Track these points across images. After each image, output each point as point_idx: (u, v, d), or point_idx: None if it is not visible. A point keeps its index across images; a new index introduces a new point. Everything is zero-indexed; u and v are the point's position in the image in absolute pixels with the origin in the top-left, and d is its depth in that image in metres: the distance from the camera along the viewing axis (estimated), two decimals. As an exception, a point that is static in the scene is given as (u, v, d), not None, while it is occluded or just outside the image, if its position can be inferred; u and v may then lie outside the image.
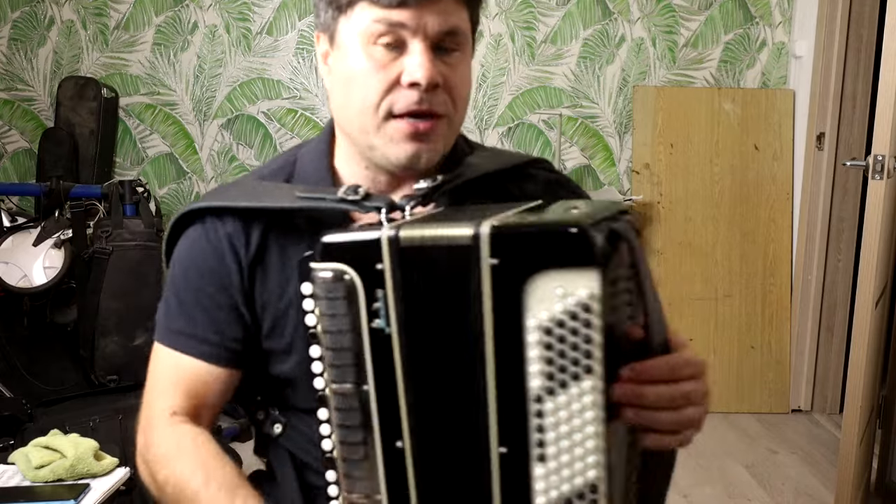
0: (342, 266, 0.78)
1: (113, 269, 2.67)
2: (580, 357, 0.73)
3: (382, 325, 0.78)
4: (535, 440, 0.75)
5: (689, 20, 3.28)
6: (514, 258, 0.74)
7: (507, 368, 0.75)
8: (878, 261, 2.08)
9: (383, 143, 0.92)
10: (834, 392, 3.26)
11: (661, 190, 3.23)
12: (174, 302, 1.00)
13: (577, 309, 0.72)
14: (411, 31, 0.88)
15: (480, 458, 0.77)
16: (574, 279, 0.72)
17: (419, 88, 0.88)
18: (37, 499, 1.60)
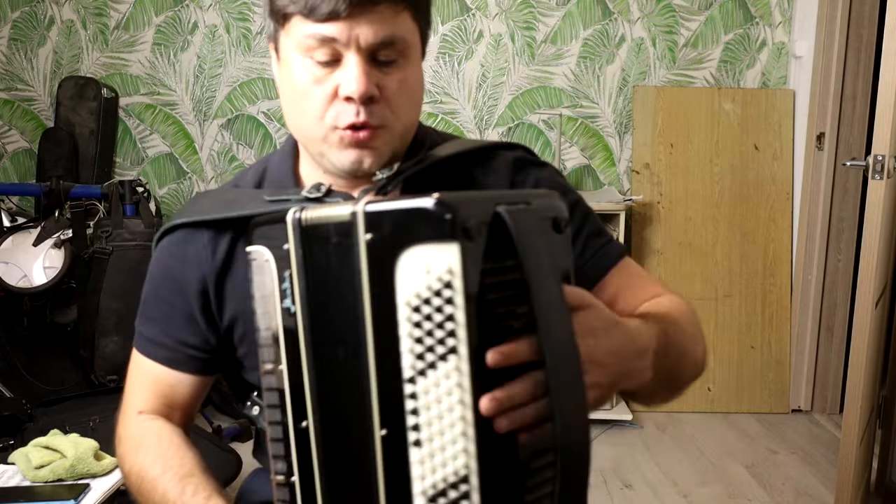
0: (259, 247, 0.82)
1: (113, 269, 2.67)
2: (445, 336, 0.70)
3: (289, 305, 0.80)
4: (410, 423, 0.72)
5: (689, 20, 3.28)
6: (386, 234, 0.73)
7: (383, 347, 0.74)
8: (878, 261, 2.08)
9: (329, 150, 0.93)
10: (834, 392, 3.26)
11: (661, 190, 3.23)
12: (143, 307, 1.04)
13: (440, 285, 0.70)
14: (343, 45, 0.87)
15: (366, 440, 0.76)
16: (437, 255, 0.70)
17: (355, 102, 0.88)
18: (37, 499, 1.60)
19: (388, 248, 0.72)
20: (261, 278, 0.82)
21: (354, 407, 0.77)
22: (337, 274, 0.77)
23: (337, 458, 0.80)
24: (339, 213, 0.76)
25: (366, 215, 0.74)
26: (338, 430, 0.79)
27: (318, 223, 0.78)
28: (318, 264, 0.79)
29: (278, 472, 0.82)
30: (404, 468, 0.73)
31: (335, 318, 0.78)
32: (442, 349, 0.70)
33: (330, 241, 0.77)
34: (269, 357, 0.82)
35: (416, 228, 0.71)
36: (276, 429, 0.82)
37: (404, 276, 0.71)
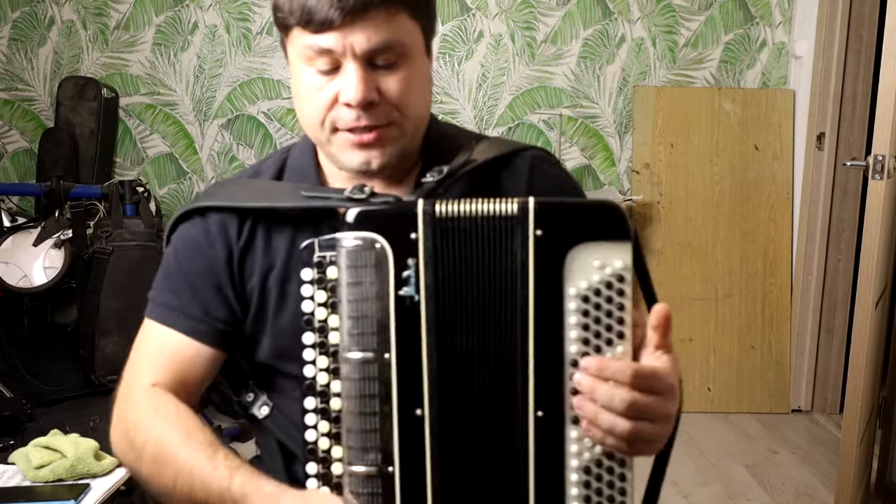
0: (373, 235, 0.81)
1: (113, 269, 2.66)
2: (613, 324, 0.80)
3: (411, 293, 0.80)
4: (569, 404, 0.80)
5: (689, 20, 3.28)
6: (558, 230, 0.80)
7: (546, 334, 0.80)
8: (878, 261, 2.08)
9: (336, 152, 0.95)
10: (834, 392, 3.26)
11: (661, 190, 3.23)
12: (164, 280, 1.04)
13: (613, 279, 0.79)
14: (340, 53, 0.88)
15: (514, 423, 0.81)
16: (610, 251, 0.80)
17: (355, 108, 0.89)
18: (37, 499, 1.60)
19: (558, 244, 0.80)
20: (363, 266, 0.81)
21: (492, 392, 0.82)
22: (481, 265, 0.81)
23: (459, 443, 0.82)
24: (496, 208, 0.81)
25: (536, 211, 0.80)
26: (462, 415, 0.82)
27: (457, 216, 0.81)
28: (456, 255, 0.81)
29: (364, 463, 0.81)
30: (559, 446, 0.81)
31: (470, 308, 0.81)
32: (609, 335, 0.80)
33: (475, 234, 0.81)
34: (366, 345, 0.81)
35: (593, 227, 0.80)
36: (366, 419, 0.81)
37: (574, 269, 0.80)
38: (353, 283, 0.81)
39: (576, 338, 0.80)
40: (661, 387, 0.80)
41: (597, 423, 0.79)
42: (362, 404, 0.81)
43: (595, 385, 0.79)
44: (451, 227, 0.81)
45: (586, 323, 0.80)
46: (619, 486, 0.81)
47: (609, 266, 0.80)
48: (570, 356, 0.80)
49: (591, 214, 0.81)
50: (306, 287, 0.85)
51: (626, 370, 0.78)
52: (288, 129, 3.29)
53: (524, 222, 0.80)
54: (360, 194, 0.92)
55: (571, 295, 0.80)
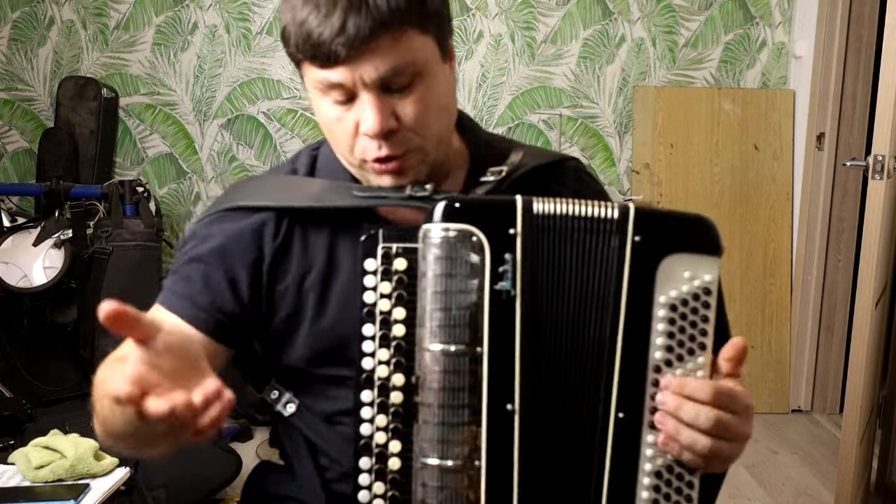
0: (470, 227, 0.81)
1: (113, 269, 2.66)
2: (697, 335, 0.82)
3: (508, 287, 0.81)
4: (648, 408, 0.82)
5: (689, 20, 3.28)
6: (655, 238, 0.83)
7: (634, 339, 0.82)
8: (878, 261, 2.08)
9: (369, 176, 0.94)
10: (834, 392, 3.26)
11: (661, 190, 3.23)
12: (178, 267, 1.00)
13: (700, 291, 0.82)
14: (351, 86, 0.87)
15: (595, 422, 0.82)
16: (700, 264, 0.83)
17: (374, 139, 0.89)
18: (37, 499, 1.60)
19: (654, 251, 0.83)
20: (457, 258, 0.80)
21: (579, 391, 0.83)
22: (575, 264, 0.83)
23: (546, 439, 0.82)
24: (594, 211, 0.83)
25: (637, 218, 0.83)
26: (549, 412, 0.83)
27: (555, 215, 0.83)
28: (552, 253, 0.83)
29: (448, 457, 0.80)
30: (635, 449, 0.82)
31: (562, 306, 0.83)
32: (691, 345, 0.82)
33: (571, 234, 0.83)
34: (456, 338, 0.80)
35: (687, 238, 0.84)
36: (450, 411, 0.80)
37: (665, 278, 0.82)
38: (444, 275, 0.80)
39: (661, 345, 0.82)
40: (740, 407, 0.82)
41: (677, 439, 0.80)
42: (447, 397, 0.80)
43: (679, 403, 0.80)
44: (547, 226, 0.82)
45: (672, 331, 0.82)
46: (686, 492, 0.83)
47: (698, 278, 0.82)
48: (653, 362, 0.82)
49: (688, 226, 0.85)
50: (369, 277, 0.84)
51: (706, 388, 0.80)
52: (288, 129, 3.29)
53: (623, 227, 0.82)
54: (422, 192, 0.91)
55: (661, 302, 0.82)
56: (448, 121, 0.96)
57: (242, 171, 3.29)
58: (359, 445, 0.83)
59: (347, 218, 0.96)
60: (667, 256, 0.82)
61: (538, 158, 1.03)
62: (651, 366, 0.82)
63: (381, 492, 0.82)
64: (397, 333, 0.83)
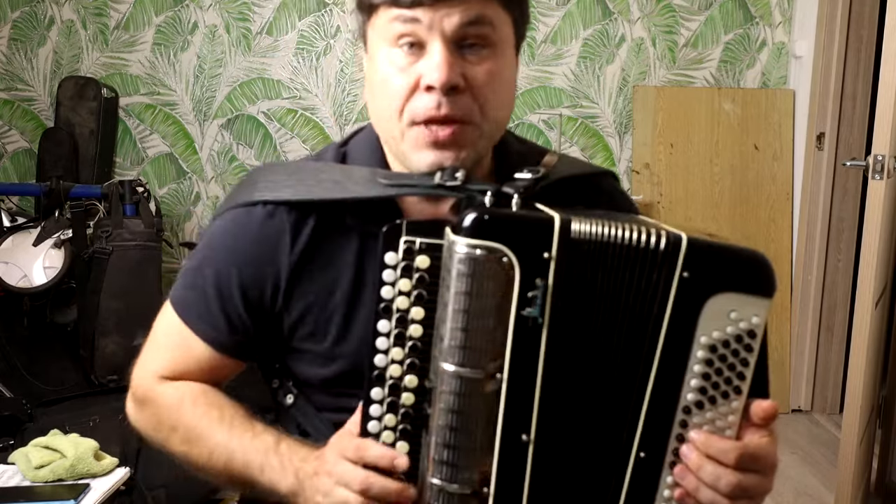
0: (501, 247, 0.74)
1: (113, 269, 2.66)
2: (734, 378, 0.77)
3: (535, 314, 0.75)
4: (672, 448, 0.78)
5: (689, 20, 3.28)
6: (704, 274, 0.76)
7: (668, 378, 0.78)
8: (878, 261, 2.07)
9: (408, 150, 0.88)
10: (834, 392, 3.26)
11: (661, 190, 3.23)
12: (196, 275, 0.96)
13: (744, 334, 0.77)
14: (427, 28, 0.83)
15: (613, 460, 0.79)
16: (749, 305, 0.76)
17: (437, 91, 0.83)
18: (37, 499, 1.60)
19: (702, 289, 0.76)
20: (484, 277, 0.74)
21: (600, 426, 0.78)
22: (608, 294, 0.77)
23: (560, 472, 0.78)
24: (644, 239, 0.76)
25: (688, 251, 0.76)
26: (566, 445, 0.78)
27: (595, 240, 0.76)
28: (585, 280, 0.76)
29: (456, 480, 0.77)
30: (652, 489, 0.79)
31: (592, 337, 0.77)
32: (727, 389, 0.77)
33: (607, 260, 0.76)
34: (476, 361, 0.75)
35: (739, 277, 0.77)
36: (465, 437, 0.76)
37: (710, 317, 0.76)
38: (468, 293, 0.74)
39: (695, 386, 0.78)
40: (764, 466, 0.79)
41: (696, 497, 0.78)
42: (461, 420, 0.76)
43: (702, 463, 0.77)
44: (584, 250, 0.76)
45: (708, 373, 0.77)
46: None
47: (745, 320, 0.77)
48: (684, 402, 0.78)
49: (742, 264, 0.78)
50: (388, 272, 0.79)
51: (732, 453, 0.77)
52: (288, 129, 3.28)
53: (672, 261, 0.76)
54: (452, 180, 0.85)
55: (702, 343, 0.77)
56: (506, 114, 0.91)
57: (242, 172, 3.29)
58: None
59: (376, 216, 0.87)
60: (716, 295, 0.76)
61: (574, 168, 0.98)
62: (681, 407, 0.78)
63: None
64: (413, 333, 0.79)
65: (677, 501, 0.79)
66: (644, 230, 0.77)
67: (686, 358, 0.77)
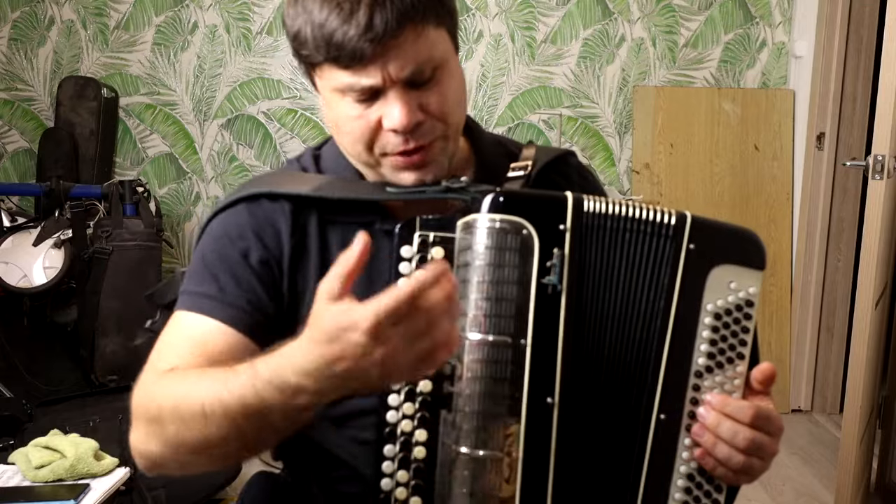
0: (520, 220, 0.81)
1: (113, 269, 2.67)
2: (737, 344, 0.85)
3: (554, 282, 0.81)
4: (687, 411, 0.84)
5: (689, 20, 3.28)
6: (708, 247, 0.85)
7: (680, 343, 0.84)
8: (878, 261, 2.08)
9: (388, 173, 0.93)
10: (834, 392, 3.26)
11: (661, 190, 3.23)
12: (200, 268, 0.95)
13: (743, 303, 0.85)
14: (379, 84, 0.86)
15: (635, 421, 0.84)
16: (746, 276, 0.85)
17: (401, 133, 0.88)
18: (37, 499, 1.60)
19: (706, 260, 0.85)
20: (507, 249, 0.81)
21: (620, 389, 0.84)
22: (621, 264, 0.84)
23: (584, 434, 0.83)
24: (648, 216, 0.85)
25: (693, 226, 0.85)
26: (588, 408, 0.84)
27: (606, 214, 0.84)
28: (599, 251, 0.84)
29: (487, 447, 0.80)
30: (672, 449, 0.84)
31: (609, 305, 0.84)
32: (731, 354, 0.85)
33: (619, 233, 0.84)
34: (502, 328, 0.80)
35: (737, 251, 0.86)
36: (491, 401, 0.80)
37: (714, 286, 0.85)
38: (493, 265, 0.80)
39: (705, 351, 0.84)
40: (774, 428, 0.85)
41: (713, 454, 0.83)
42: (488, 386, 0.80)
43: (719, 420, 0.83)
44: (597, 224, 0.83)
45: (715, 339, 0.84)
46: (714, 496, 0.86)
47: (743, 290, 0.85)
48: (696, 367, 0.84)
49: (739, 239, 0.87)
50: (404, 264, 0.83)
51: (747, 411, 0.83)
52: (288, 129, 3.29)
53: (680, 234, 0.85)
54: (459, 183, 0.91)
55: (708, 310, 0.84)
56: (463, 113, 0.96)
57: (242, 172, 3.29)
58: (384, 432, 0.82)
59: (361, 215, 0.94)
60: (717, 266, 0.85)
61: (549, 154, 1.03)
62: (693, 371, 0.84)
63: (404, 480, 0.82)
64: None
65: (697, 460, 0.84)
66: (655, 210, 0.85)
67: (696, 324, 0.84)
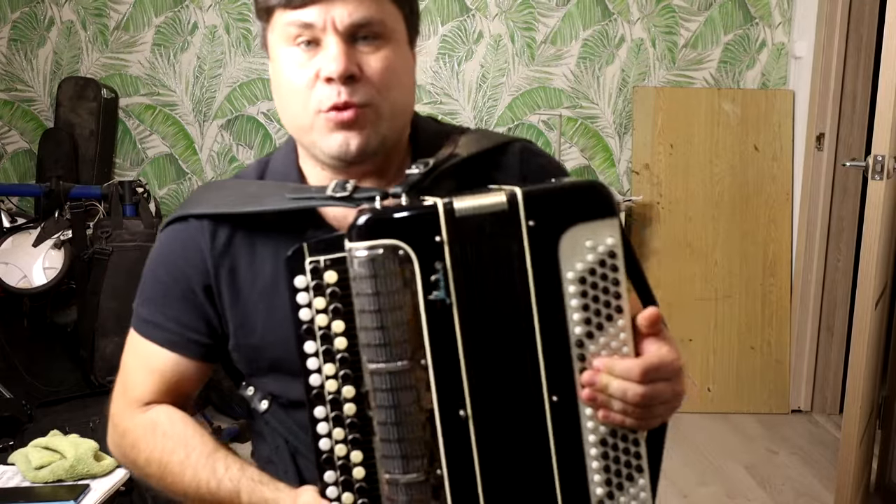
0: (395, 241, 0.79)
1: (113, 269, 2.67)
2: (611, 300, 0.82)
3: (442, 297, 0.80)
4: (580, 383, 0.82)
5: (689, 21, 3.28)
6: (549, 217, 0.81)
7: (550, 320, 0.82)
8: (878, 261, 2.08)
9: (318, 137, 0.93)
10: (834, 392, 3.26)
11: (660, 190, 3.23)
12: (143, 289, 1.03)
13: (605, 256, 0.81)
14: (321, 28, 0.89)
15: (535, 410, 0.82)
16: (599, 229, 0.81)
17: (335, 82, 0.89)
18: (37, 499, 1.60)
19: (551, 231, 0.81)
20: (386, 275, 0.78)
21: (516, 384, 0.83)
22: (491, 261, 0.81)
23: (498, 437, 0.82)
24: (493, 202, 0.81)
25: (525, 201, 0.81)
26: (498, 410, 0.82)
27: (471, 214, 0.81)
28: (474, 254, 0.81)
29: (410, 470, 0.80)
30: (576, 425, 0.83)
31: (493, 305, 0.82)
32: (608, 311, 0.82)
33: (483, 231, 0.81)
34: (397, 355, 0.79)
35: (579, 209, 0.82)
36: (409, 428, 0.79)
37: (567, 253, 0.81)
38: (375, 294, 0.78)
39: (578, 319, 0.82)
40: (668, 373, 0.84)
41: (610, 414, 0.83)
42: (399, 414, 0.79)
43: (607, 381, 0.82)
44: (468, 227, 0.81)
45: (586, 303, 0.82)
46: (633, 450, 0.85)
47: (601, 244, 0.81)
48: (574, 338, 0.82)
49: (578, 195, 0.83)
50: (301, 295, 0.82)
51: (634, 369, 0.81)
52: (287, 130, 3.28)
53: (515, 213, 0.81)
54: (342, 191, 0.90)
55: (569, 279, 0.81)
56: (405, 98, 0.96)
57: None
58: (321, 460, 0.83)
59: (291, 223, 0.95)
60: (565, 232, 0.81)
61: (476, 146, 1.01)
62: (573, 342, 0.82)
63: (350, 502, 0.83)
64: (339, 346, 0.82)
65: (601, 423, 0.83)
66: (490, 193, 0.82)
67: (560, 297, 0.81)
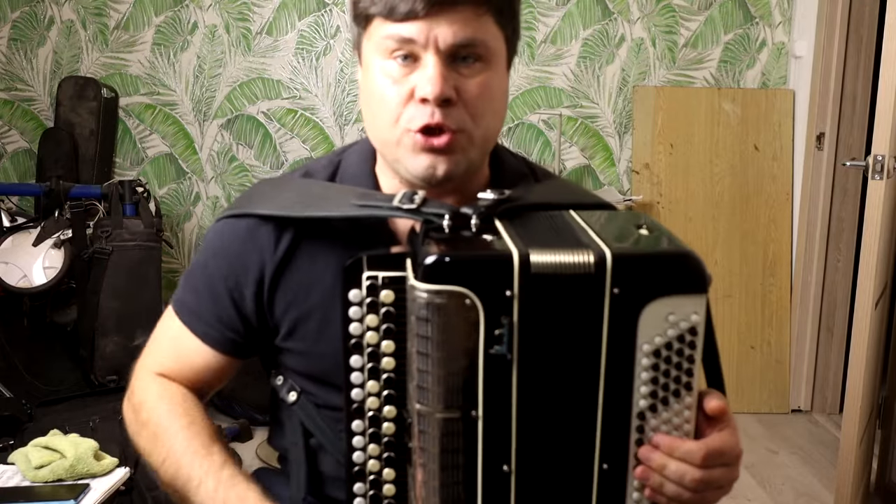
0: (462, 290, 0.74)
1: (113, 269, 2.66)
2: (682, 376, 0.79)
3: (504, 352, 0.76)
4: (633, 454, 0.80)
5: (689, 20, 3.28)
6: (635, 286, 0.77)
7: (615, 389, 0.79)
8: (878, 261, 2.08)
9: (403, 155, 0.90)
10: (834, 392, 3.26)
11: (660, 190, 3.23)
12: (191, 276, 1.02)
13: (686, 332, 0.78)
14: (422, 46, 0.85)
15: (582, 475, 0.80)
16: (685, 304, 0.77)
17: (430, 103, 0.86)
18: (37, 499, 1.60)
19: (635, 302, 0.77)
20: (449, 322, 0.75)
21: (568, 446, 0.80)
22: (563, 323, 0.77)
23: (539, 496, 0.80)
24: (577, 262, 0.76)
25: (614, 267, 0.76)
26: (544, 470, 0.80)
27: (550, 272, 0.76)
28: (545, 313, 0.77)
29: None
30: (621, 497, 0.80)
31: (557, 365, 0.78)
32: (676, 387, 0.79)
33: (560, 291, 0.76)
34: (449, 402, 0.77)
35: (669, 281, 0.77)
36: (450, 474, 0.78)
37: (647, 324, 0.77)
38: (433, 340, 0.75)
39: (645, 392, 0.79)
40: (729, 459, 0.82)
41: (662, 492, 0.80)
42: (442, 459, 0.77)
43: (665, 462, 0.79)
44: (543, 284, 0.76)
45: (656, 377, 0.79)
46: None
47: (684, 320, 0.77)
48: (637, 409, 0.79)
49: (670, 266, 0.78)
50: (354, 309, 0.81)
51: (696, 453, 0.79)
52: (287, 130, 3.29)
53: (601, 278, 0.76)
54: (409, 203, 0.86)
55: (645, 351, 0.78)
56: (496, 124, 0.93)
57: (242, 172, 3.29)
58: (353, 472, 0.83)
59: (359, 232, 0.93)
60: (650, 304, 0.77)
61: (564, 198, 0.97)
62: (635, 413, 0.79)
63: None
64: (386, 366, 0.81)
65: (648, 499, 0.81)
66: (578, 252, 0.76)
67: (631, 368, 0.78)
